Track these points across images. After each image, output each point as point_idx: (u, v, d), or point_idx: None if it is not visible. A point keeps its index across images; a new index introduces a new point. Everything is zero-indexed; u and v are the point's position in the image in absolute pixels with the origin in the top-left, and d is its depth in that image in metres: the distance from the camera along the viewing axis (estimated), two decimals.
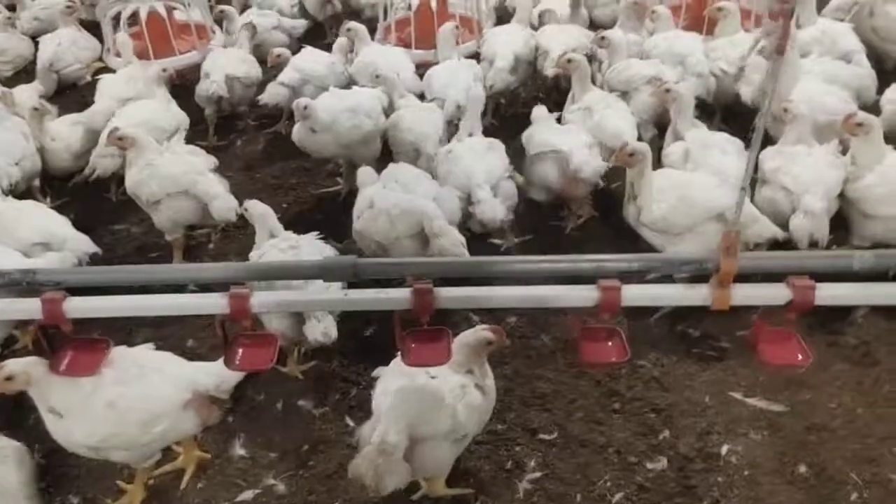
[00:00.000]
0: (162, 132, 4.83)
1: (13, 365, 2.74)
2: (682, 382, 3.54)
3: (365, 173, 4.11)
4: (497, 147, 4.38)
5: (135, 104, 5.11)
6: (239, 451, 3.30)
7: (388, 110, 4.93)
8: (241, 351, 2.56)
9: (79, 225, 4.25)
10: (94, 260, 3.96)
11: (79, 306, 2.48)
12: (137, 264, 4.44)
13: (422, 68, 5.55)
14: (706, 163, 3.96)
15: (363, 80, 5.35)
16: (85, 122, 5.08)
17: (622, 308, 2.24)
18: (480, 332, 2.82)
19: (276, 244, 3.63)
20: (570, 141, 4.25)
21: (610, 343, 2.49)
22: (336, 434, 3.38)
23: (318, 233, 3.79)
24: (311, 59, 5.60)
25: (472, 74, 5.24)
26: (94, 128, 5.03)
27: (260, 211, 3.81)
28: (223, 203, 4.18)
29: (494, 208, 4.03)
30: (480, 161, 4.18)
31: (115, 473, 3.21)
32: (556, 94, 5.74)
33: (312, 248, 3.64)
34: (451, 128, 4.75)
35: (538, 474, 3.14)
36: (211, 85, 5.51)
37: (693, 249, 3.67)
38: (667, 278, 2.81)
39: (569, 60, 4.75)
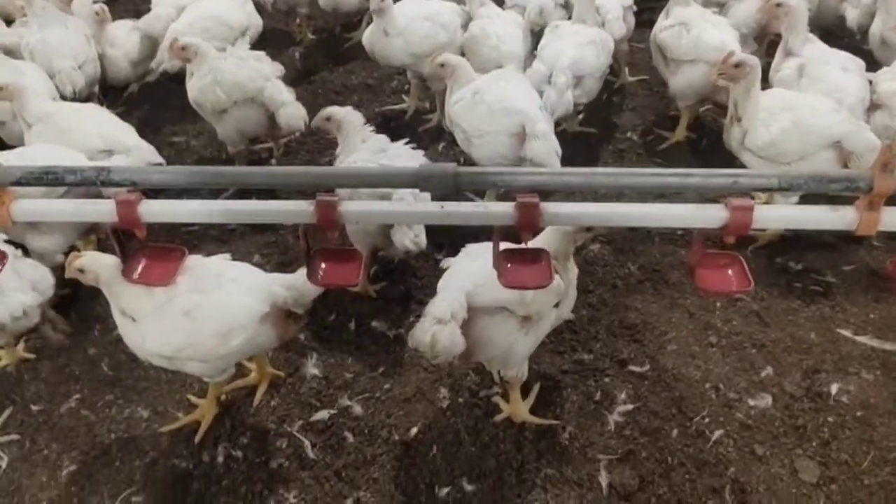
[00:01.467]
0: (230, 30, 4.59)
1: (87, 259, 2.61)
2: (785, 318, 3.28)
3: (464, 67, 3.83)
4: (604, 45, 4.18)
5: (192, 9, 4.86)
6: (312, 370, 3.15)
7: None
8: (324, 265, 2.36)
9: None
10: None
11: (155, 210, 2.29)
12: None
13: None
14: (825, 79, 3.58)
15: None
16: (143, 28, 4.84)
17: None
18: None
19: (369, 147, 3.42)
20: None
21: (731, 271, 2.25)
22: (412, 357, 3.21)
23: (407, 140, 3.56)
24: None
25: None
26: (152, 34, 4.80)
27: (345, 116, 3.57)
28: (292, 111, 3.95)
29: (563, 94, 3.96)
30: (576, 48, 4.06)
31: (186, 387, 3.10)
32: None
33: (406, 154, 3.43)
34: (533, 37, 4.41)
35: (630, 406, 2.94)
36: None
37: None
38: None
39: None
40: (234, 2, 4.93)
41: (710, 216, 2.06)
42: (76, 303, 3.51)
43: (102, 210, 2.32)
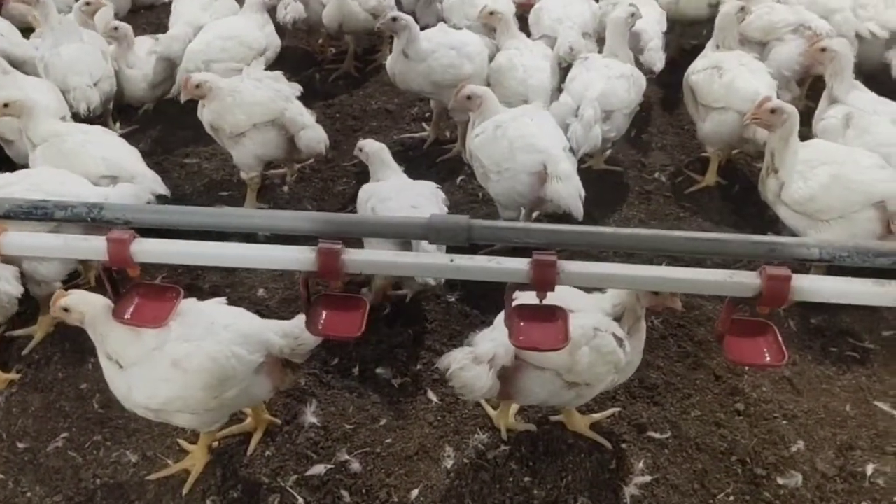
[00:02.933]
0: (249, 50, 4.54)
1: (73, 299, 2.46)
2: (818, 386, 3.06)
3: (492, 99, 3.68)
4: (635, 80, 4.03)
5: (224, 20, 4.79)
6: (311, 418, 2.98)
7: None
8: (325, 314, 2.20)
9: (147, 156, 3.96)
10: (162, 202, 3.64)
11: (148, 249, 2.14)
12: (208, 204, 4.21)
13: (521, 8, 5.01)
14: (873, 131, 3.37)
15: (456, 18, 4.84)
16: (161, 52, 4.72)
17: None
18: None
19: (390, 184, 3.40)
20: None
21: (763, 341, 2.06)
22: (416, 409, 3.03)
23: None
24: None
25: (588, 8, 4.69)
26: (170, 56, 4.69)
27: (375, 149, 3.46)
28: (313, 134, 3.83)
29: (591, 129, 3.80)
30: (606, 81, 3.93)
31: (177, 431, 2.95)
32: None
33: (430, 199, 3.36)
34: (561, 71, 4.24)
35: (647, 478, 2.73)
36: (286, 10, 5.09)
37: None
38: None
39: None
40: (253, 21, 4.82)
41: (744, 285, 1.88)
42: (72, 333, 3.37)
43: (94, 247, 2.17)
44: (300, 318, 2.63)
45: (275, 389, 2.71)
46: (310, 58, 5.52)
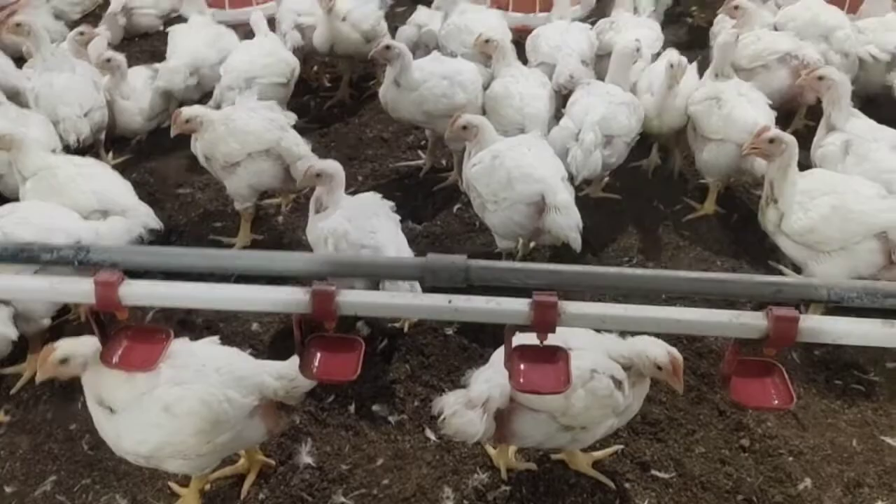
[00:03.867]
0: (287, 65, 4.71)
1: (68, 346, 2.38)
2: (824, 420, 3.00)
3: (488, 129, 3.63)
4: (635, 109, 4.02)
5: (254, 41, 4.83)
6: (305, 458, 2.91)
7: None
8: (319, 356, 2.14)
9: (140, 187, 3.91)
10: (155, 235, 3.58)
11: (137, 292, 2.08)
12: (202, 235, 4.16)
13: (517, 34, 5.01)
14: (872, 159, 3.34)
15: (453, 46, 4.82)
16: (163, 86, 4.69)
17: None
18: (661, 350, 2.42)
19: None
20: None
21: (770, 382, 2.01)
22: (414, 448, 2.96)
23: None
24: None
25: (586, 37, 4.69)
26: (171, 90, 4.66)
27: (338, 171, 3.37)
28: (308, 161, 3.75)
29: (591, 153, 3.79)
30: (607, 106, 3.92)
31: (168, 474, 2.86)
32: None
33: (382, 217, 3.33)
34: (559, 99, 4.22)
35: None
36: (284, 38, 5.06)
37: (841, 271, 3.11)
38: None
39: None
40: (278, 42, 4.88)
41: (750, 326, 1.83)
42: None
43: (80, 290, 2.11)
44: (295, 359, 2.57)
45: (269, 433, 2.64)
46: (305, 85, 5.49)
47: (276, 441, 2.95)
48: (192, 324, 3.53)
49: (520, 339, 1.98)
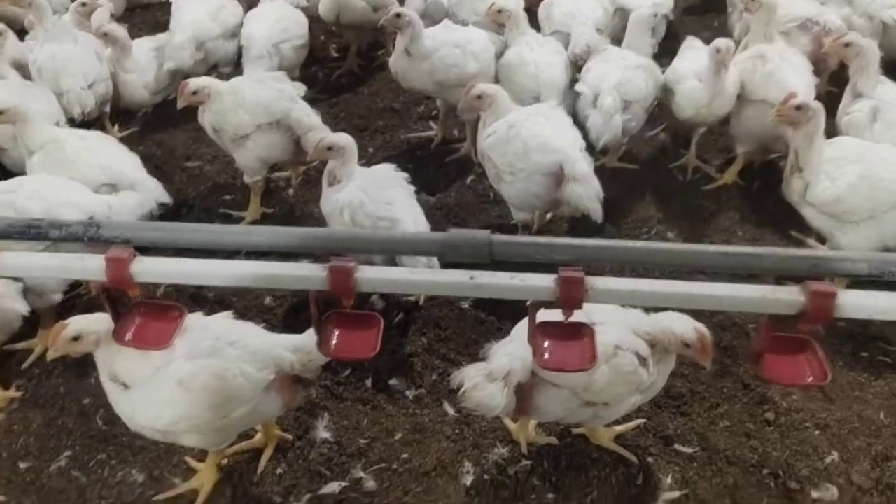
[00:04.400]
0: (303, 27, 4.75)
1: (80, 323, 2.33)
2: (850, 393, 2.94)
3: (503, 98, 3.53)
4: (652, 72, 3.94)
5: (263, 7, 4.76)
6: (323, 433, 2.87)
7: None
8: (337, 333, 2.08)
9: (147, 160, 3.83)
10: (164, 210, 3.51)
11: (149, 269, 2.02)
12: (212, 208, 4.09)
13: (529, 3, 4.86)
14: None
15: (464, 14, 4.70)
16: (173, 66, 4.57)
17: None
18: (688, 326, 2.36)
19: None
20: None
21: (804, 359, 1.94)
22: (433, 422, 2.92)
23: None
24: None
25: (600, 4, 4.57)
26: (181, 67, 4.56)
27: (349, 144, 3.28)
28: (319, 134, 3.67)
29: (611, 118, 3.73)
30: (623, 71, 3.86)
31: (184, 448, 2.82)
32: None
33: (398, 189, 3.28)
34: (574, 68, 4.12)
35: (676, 494, 2.62)
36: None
37: (869, 242, 3.03)
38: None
39: None
40: (289, 6, 4.84)
41: (785, 301, 1.75)
42: None
43: (91, 267, 2.04)
44: (311, 332, 2.52)
45: (286, 406, 2.60)
46: (312, 56, 5.37)
47: (292, 415, 2.91)
48: (203, 298, 3.47)
49: (542, 314, 1.91)
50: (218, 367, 2.39)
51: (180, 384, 2.36)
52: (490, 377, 2.42)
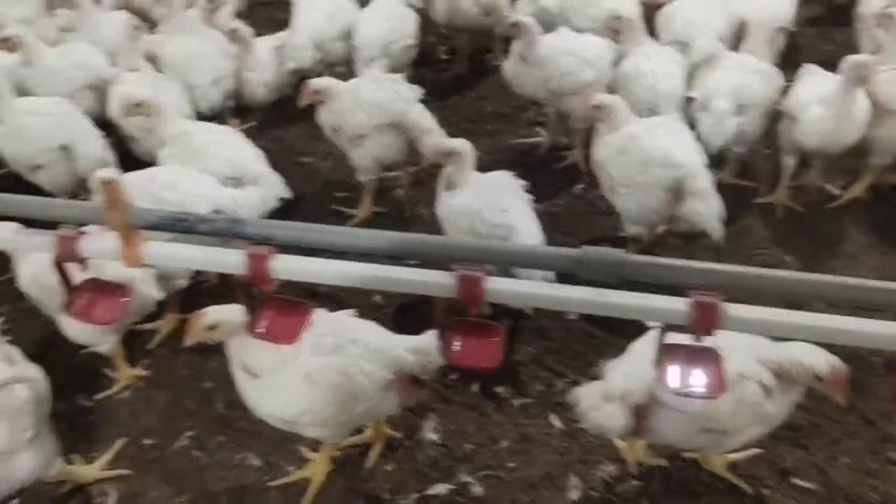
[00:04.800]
0: (413, 25, 4.84)
1: (218, 315, 2.45)
2: None
3: (622, 109, 3.49)
4: (771, 78, 3.86)
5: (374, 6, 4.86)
6: (430, 435, 2.92)
7: None
8: (462, 341, 2.12)
9: (264, 155, 3.97)
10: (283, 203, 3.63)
11: (287, 266, 2.14)
12: (324, 204, 4.21)
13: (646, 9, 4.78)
14: None
15: (579, 20, 4.66)
16: (294, 66, 4.73)
17: None
18: (819, 358, 2.29)
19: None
20: None
21: None
22: (539, 433, 2.92)
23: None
24: None
25: (723, 13, 4.45)
26: (303, 67, 4.70)
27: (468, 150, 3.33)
28: (437, 139, 3.72)
29: (723, 121, 3.65)
30: (739, 75, 3.79)
31: (300, 438, 2.93)
32: None
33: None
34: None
35: None
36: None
37: None
38: None
39: None
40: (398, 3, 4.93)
41: None
42: None
43: (232, 261, 2.17)
44: (430, 335, 2.57)
45: (402, 405, 2.66)
46: (420, 58, 5.44)
47: (400, 414, 2.96)
48: (315, 292, 3.58)
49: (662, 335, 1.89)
50: (342, 364, 2.47)
51: (307, 378, 2.44)
52: (607, 397, 2.41)
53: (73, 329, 2.99)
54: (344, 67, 4.97)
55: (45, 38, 4.62)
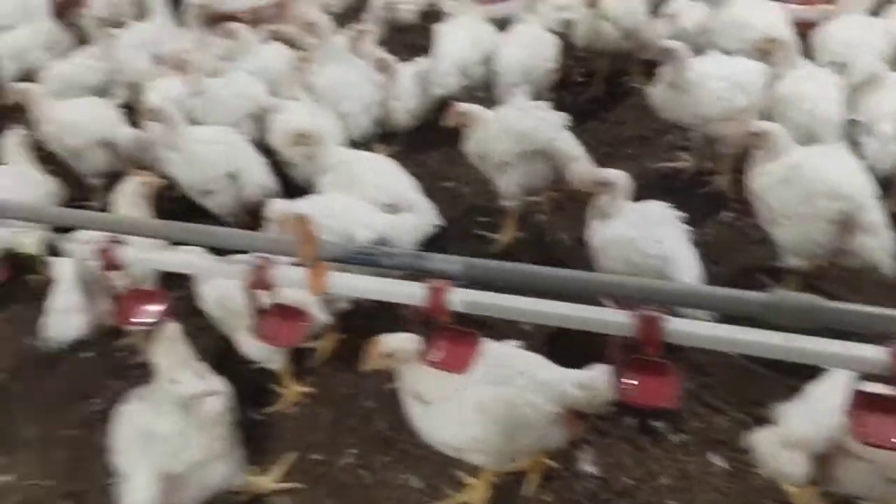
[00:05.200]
0: (551, 47, 4.86)
1: (393, 342, 2.59)
2: None
3: (782, 136, 3.40)
4: None
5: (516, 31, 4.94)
6: (587, 467, 2.95)
7: None
8: (637, 379, 2.14)
9: None
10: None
11: (463, 299, 2.28)
12: (466, 227, 4.31)
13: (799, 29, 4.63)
14: None
15: (727, 42, 4.55)
16: (443, 93, 4.86)
17: None
18: None
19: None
20: None
21: None
22: (699, 472, 2.89)
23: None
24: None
25: (885, 34, 4.26)
26: (449, 93, 4.83)
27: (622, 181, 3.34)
28: (583, 166, 3.75)
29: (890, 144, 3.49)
30: None
31: (459, 461, 3.02)
32: None
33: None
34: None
35: None
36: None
37: None
38: None
39: None
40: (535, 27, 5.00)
41: None
42: (355, 350, 3.55)
43: (412, 293, 2.32)
44: (597, 370, 2.59)
45: (566, 439, 2.70)
46: (558, 80, 5.47)
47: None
48: (469, 318, 3.65)
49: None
50: (511, 396, 2.54)
51: (477, 408, 2.53)
52: (787, 444, 2.35)
53: (250, 346, 3.22)
54: (483, 92, 5.07)
55: (204, 68, 4.97)
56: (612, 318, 2.15)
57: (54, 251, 2.95)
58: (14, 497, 3.15)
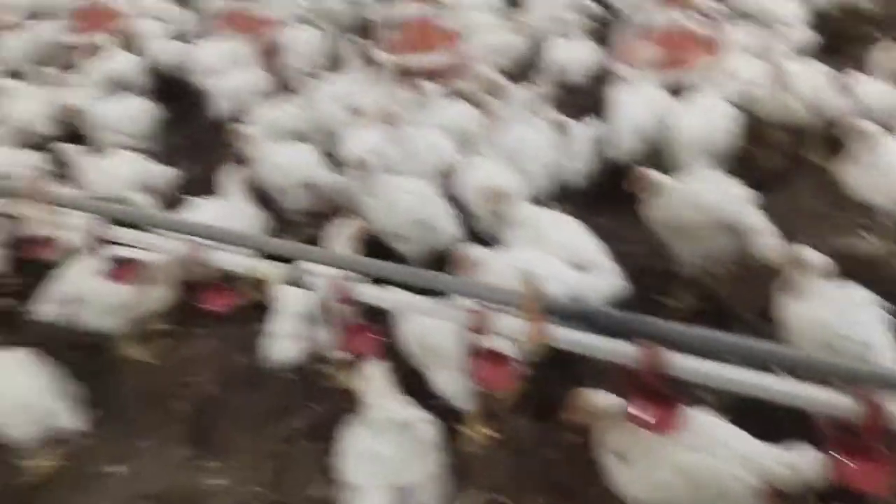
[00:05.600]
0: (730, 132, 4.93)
1: (598, 399, 2.77)
2: None
3: None
4: None
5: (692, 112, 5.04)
6: None
7: None
8: (853, 462, 2.21)
9: None
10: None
11: (676, 364, 2.43)
12: (641, 292, 4.39)
13: None
14: None
15: None
16: (611, 154, 5.10)
17: None
18: None
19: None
20: None
21: None
22: None
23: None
24: None
25: None
26: (617, 157, 5.03)
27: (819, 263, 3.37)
28: (770, 242, 3.78)
29: None
30: None
31: None
32: None
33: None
34: None
35: None
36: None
37: None
38: None
39: None
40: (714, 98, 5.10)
41: None
42: (538, 394, 3.64)
43: (624, 353, 2.49)
44: (800, 450, 2.65)
45: None
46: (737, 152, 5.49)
47: None
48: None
49: None
50: (714, 464, 2.64)
51: (677, 470, 2.64)
52: None
53: (447, 385, 3.46)
54: (656, 158, 5.19)
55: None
56: (834, 402, 2.24)
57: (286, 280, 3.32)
58: (227, 499, 3.53)
